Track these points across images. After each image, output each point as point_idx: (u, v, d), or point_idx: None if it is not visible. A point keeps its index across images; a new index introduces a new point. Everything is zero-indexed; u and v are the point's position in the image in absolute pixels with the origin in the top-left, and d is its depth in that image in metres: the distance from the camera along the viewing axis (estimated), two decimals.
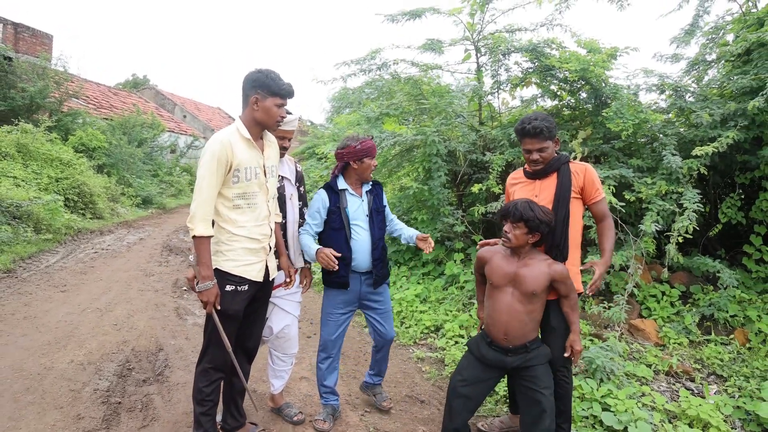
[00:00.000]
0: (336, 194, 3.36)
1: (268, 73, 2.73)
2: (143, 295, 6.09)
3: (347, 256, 3.31)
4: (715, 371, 4.54)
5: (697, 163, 5.05)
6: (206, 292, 2.62)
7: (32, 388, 3.61)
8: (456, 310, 5.52)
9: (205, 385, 2.80)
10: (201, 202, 2.61)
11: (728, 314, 5.10)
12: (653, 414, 3.70)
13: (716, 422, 3.60)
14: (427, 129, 6.02)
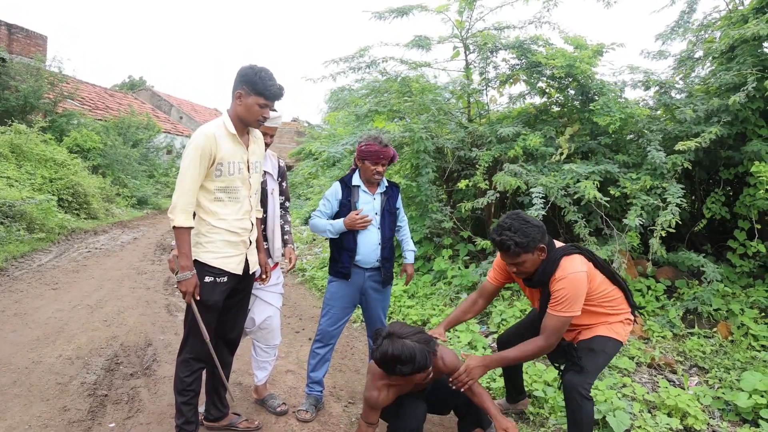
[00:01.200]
0: (348, 189, 3.47)
1: (259, 71, 2.72)
2: (134, 293, 6.14)
3: (352, 249, 3.42)
4: (697, 363, 4.59)
5: (682, 158, 5.12)
6: (185, 282, 2.64)
7: (19, 381, 3.66)
8: (443, 304, 5.58)
9: (186, 375, 2.84)
10: (182, 192, 2.62)
11: (712, 308, 5.16)
12: (633, 404, 3.75)
13: (694, 411, 3.66)
14: (414, 126, 6.08)
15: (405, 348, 2.45)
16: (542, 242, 2.76)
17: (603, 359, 2.86)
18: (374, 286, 3.55)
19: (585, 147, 5.88)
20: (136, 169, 16.31)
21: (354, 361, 4.57)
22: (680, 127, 5.51)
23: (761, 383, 3.87)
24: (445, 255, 6.35)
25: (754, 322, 4.99)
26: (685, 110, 5.47)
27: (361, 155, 3.42)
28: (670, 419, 3.62)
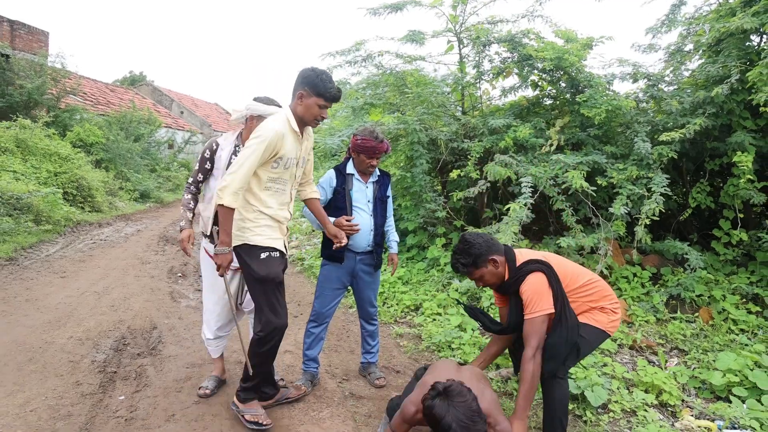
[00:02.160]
0: (343, 176, 3.64)
1: (320, 74, 2.93)
2: (139, 281, 6.37)
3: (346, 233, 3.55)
4: (677, 346, 4.79)
5: (668, 149, 5.29)
6: (222, 256, 2.83)
7: (34, 359, 3.90)
8: (435, 290, 5.80)
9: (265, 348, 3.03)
10: (239, 176, 2.78)
11: (694, 294, 5.35)
12: (612, 381, 3.96)
13: (669, 388, 3.87)
14: (409, 119, 6.28)
15: (447, 417, 2.38)
16: (490, 255, 2.96)
17: (584, 345, 2.98)
18: (365, 270, 3.75)
19: (575, 138, 6.06)
20: (138, 164, 16.51)
21: (349, 342, 4.80)
22: (667, 119, 5.68)
23: (735, 363, 4.08)
24: (438, 243, 6.56)
25: (735, 307, 5.18)
26: (671, 102, 5.66)
27: (356, 149, 3.56)
28: (647, 395, 3.83)
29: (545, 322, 2.86)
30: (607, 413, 3.65)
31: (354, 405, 3.59)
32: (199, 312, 5.35)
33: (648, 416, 3.57)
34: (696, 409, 3.79)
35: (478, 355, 3.46)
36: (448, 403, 2.41)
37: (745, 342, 4.65)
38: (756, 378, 3.92)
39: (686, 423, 3.62)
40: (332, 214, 3.62)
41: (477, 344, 4.58)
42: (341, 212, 3.61)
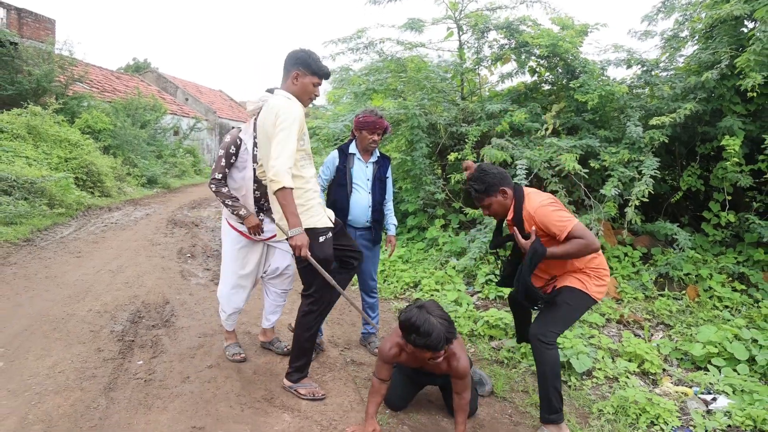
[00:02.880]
0: (345, 156, 3.92)
1: (311, 54, 3.08)
2: (150, 261, 6.65)
3: (345, 209, 3.87)
4: (663, 321, 5.04)
5: (659, 133, 5.48)
6: (298, 237, 2.87)
7: (58, 328, 4.19)
8: (434, 268, 6.08)
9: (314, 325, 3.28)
10: (287, 157, 2.83)
11: (682, 273, 5.57)
12: (597, 351, 4.22)
13: (651, 358, 4.13)
14: (409, 104, 6.50)
15: (427, 322, 2.67)
16: (502, 186, 3.13)
17: (566, 310, 3.15)
18: (365, 244, 3.99)
19: (570, 123, 6.25)
20: (145, 150, 16.75)
21: (351, 316, 5.07)
22: (659, 104, 5.87)
23: (716, 335, 4.32)
24: (437, 224, 6.82)
25: (721, 285, 5.40)
26: (663, 87, 5.84)
27: (358, 125, 3.84)
28: (629, 364, 4.09)
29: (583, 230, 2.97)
30: (590, 379, 3.92)
31: (354, 370, 3.87)
32: (208, 289, 5.64)
33: (629, 382, 3.82)
34: (675, 377, 4.05)
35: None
36: (426, 312, 2.73)
37: (728, 317, 4.88)
38: (734, 349, 4.17)
39: (665, 389, 3.87)
40: (334, 190, 3.93)
41: (471, 317, 4.84)
42: (342, 189, 3.89)
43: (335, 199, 3.92)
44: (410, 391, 3.37)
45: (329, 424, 3.07)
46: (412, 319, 2.74)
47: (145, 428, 2.87)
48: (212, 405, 3.16)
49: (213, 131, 28.61)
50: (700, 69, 5.73)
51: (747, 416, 3.36)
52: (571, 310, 3.20)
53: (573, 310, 3.20)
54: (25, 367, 3.48)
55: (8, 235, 6.96)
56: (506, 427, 3.26)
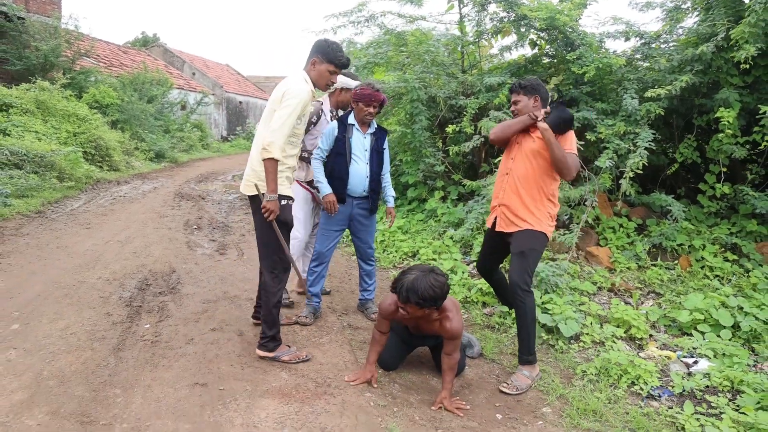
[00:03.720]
0: (344, 126, 4.03)
1: (331, 44, 3.38)
2: (158, 232, 6.85)
3: (344, 178, 4.00)
4: (654, 290, 5.18)
5: (655, 105, 5.54)
6: (272, 202, 3.22)
7: (70, 295, 4.40)
8: (432, 238, 6.24)
9: (278, 287, 3.47)
10: (283, 134, 3.18)
11: (675, 243, 5.68)
12: (586, 317, 4.38)
13: (637, 323, 4.28)
14: (409, 77, 6.59)
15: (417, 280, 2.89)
16: (538, 94, 3.58)
17: (533, 256, 3.53)
18: (362, 213, 4.16)
19: (568, 95, 6.31)
20: (152, 124, 16.86)
21: (350, 284, 5.26)
22: (656, 76, 5.91)
23: (702, 303, 4.46)
24: (436, 196, 6.96)
25: (713, 256, 5.51)
26: (660, 60, 5.88)
27: (355, 98, 3.95)
28: (617, 329, 4.24)
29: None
30: (577, 343, 4.09)
31: (351, 334, 4.06)
32: (213, 259, 5.84)
33: (615, 346, 3.99)
34: (660, 341, 4.21)
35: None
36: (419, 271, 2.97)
37: (717, 286, 5.00)
38: (719, 316, 4.31)
39: (650, 353, 4.04)
40: (333, 159, 4.04)
41: (466, 285, 5.01)
42: (341, 158, 4.00)
43: (334, 167, 4.03)
44: (402, 352, 3.57)
45: (324, 381, 3.26)
46: (404, 277, 2.97)
47: (152, 384, 3.07)
48: (214, 364, 3.36)
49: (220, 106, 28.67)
50: (699, 41, 5.75)
51: (725, 377, 3.52)
52: (537, 253, 3.57)
53: (538, 252, 3.58)
54: (39, 329, 3.70)
55: (20, 208, 7.17)
56: (492, 386, 3.45)
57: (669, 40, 6.60)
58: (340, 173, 4.02)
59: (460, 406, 3.09)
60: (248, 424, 2.71)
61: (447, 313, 3.08)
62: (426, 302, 2.89)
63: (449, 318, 3.07)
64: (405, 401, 3.13)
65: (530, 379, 3.43)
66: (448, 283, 3.05)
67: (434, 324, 3.13)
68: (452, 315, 3.08)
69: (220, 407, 2.86)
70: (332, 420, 2.81)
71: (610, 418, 3.06)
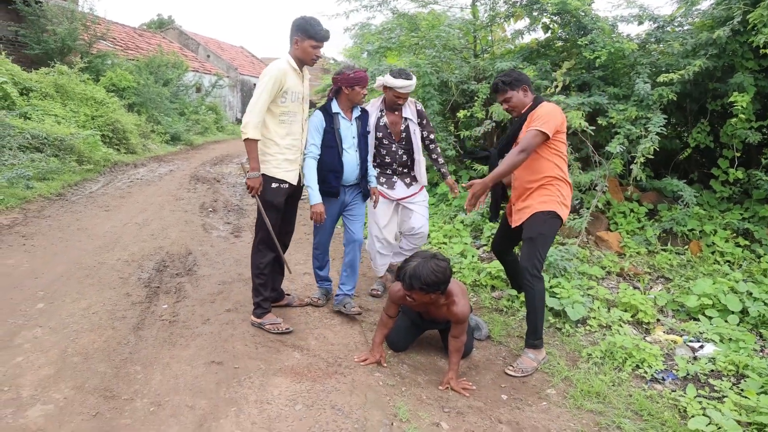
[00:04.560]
0: (330, 116, 3.83)
1: (309, 20, 3.46)
2: (174, 214, 7.00)
3: (338, 170, 3.86)
4: (663, 275, 5.20)
5: (668, 90, 5.51)
6: (253, 179, 3.44)
7: (91, 275, 4.56)
8: (442, 222, 6.31)
9: (260, 261, 3.72)
10: (255, 112, 3.37)
11: (686, 228, 5.68)
12: (594, 302, 4.44)
13: (645, 308, 4.32)
14: (421, 62, 6.61)
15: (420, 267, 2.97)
16: (524, 84, 3.56)
17: (543, 240, 3.54)
18: (355, 201, 4.09)
19: (580, 80, 6.30)
20: (168, 107, 16.99)
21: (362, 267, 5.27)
22: (669, 61, 5.87)
23: (711, 288, 4.49)
24: None
25: (725, 241, 5.51)
26: (673, 44, 5.84)
27: (351, 82, 3.74)
28: (624, 313, 4.30)
29: (538, 138, 3.35)
30: (584, 327, 4.16)
31: (362, 315, 4.17)
32: (228, 241, 5.98)
33: (622, 330, 4.05)
34: (667, 326, 4.26)
35: None
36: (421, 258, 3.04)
37: (726, 271, 5.03)
38: (727, 301, 4.34)
39: (656, 337, 4.10)
40: (324, 152, 3.84)
41: (476, 269, 5.09)
42: (332, 150, 3.83)
43: (325, 160, 3.84)
44: (412, 334, 3.67)
45: (335, 360, 3.38)
46: (407, 264, 3.05)
47: (170, 362, 3.21)
48: (229, 343, 3.49)
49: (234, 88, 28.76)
50: (714, 25, 5.70)
51: (730, 362, 3.58)
52: (546, 238, 3.59)
53: (547, 237, 3.57)
54: (63, 309, 3.86)
55: (42, 190, 7.36)
56: (499, 367, 3.54)
57: (683, 23, 6.54)
58: (333, 165, 3.86)
59: (466, 387, 3.19)
60: (262, 400, 2.84)
61: (453, 298, 3.16)
62: (430, 287, 2.97)
63: (455, 302, 3.16)
64: (413, 381, 3.24)
65: (536, 362, 3.51)
66: (451, 267, 3.13)
67: (442, 309, 3.22)
68: (458, 299, 3.17)
69: (235, 384, 2.99)
70: (342, 398, 2.92)
71: (614, 400, 3.14)
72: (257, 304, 3.76)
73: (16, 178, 7.16)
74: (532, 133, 3.34)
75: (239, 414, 2.72)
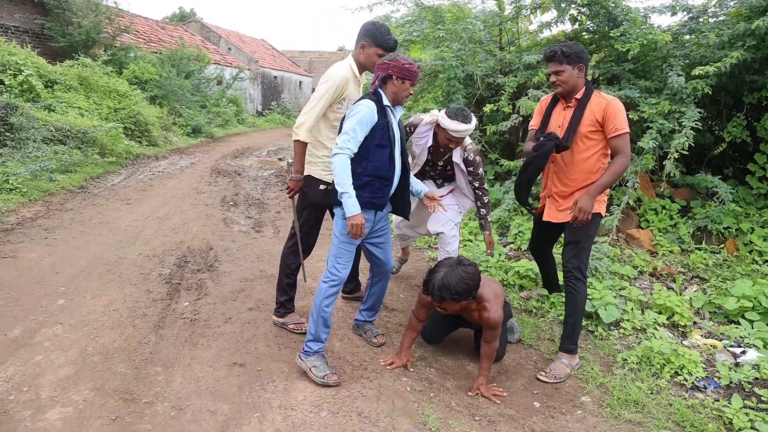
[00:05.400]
0: (383, 109, 3.03)
1: (380, 27, 3.37)
2: (195, 208, 6.95)
3: (389, 177, 3.08)
4: (698, 274, 5.02)
5: (702, 83, 5.31)
6: (294, 182, 3.43)
7: (112, 270, 4.51)
8: (467, 219, 6.15)
9: (292, 262, 3.64)
10: (312, 116, 3.28)
11: (722, 226, 5.48)
12: (627, 303, 4.28)
13: (681, 310, 4.15)
14: (446, 55, 6.46)
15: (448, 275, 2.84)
16: (582, 63, 3.25)
17: (589, 243, 3.42)
18: (385, 221, 3.39)
19: (610, 73, 6.11)
20: (190, 100, 17.00)
21: None
22: (704, 52, 5.66)
23: (751, 289, 4.28)
24: None
25: (762, 239, 5.31)
26: (708, 35, 5.61)
27: (405, 73, 2.99)
28: (659, 316, 4.13)
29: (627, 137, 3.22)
30: (617, 330, 3.99)
31: (386, 316, 4.06)
32: (249, 236, 5.91)
33: (657, 334, 3.88)
34: (705, 329, 4.07)
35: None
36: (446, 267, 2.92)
37: (766, 272, 4.83)
38: None
39: (693, 341, 3.92)
40: (372, 150, 3.02)
41: (503, 267, 4.95)
42: (384, 151, 3.03)
43: (371, 164, 3.02)
44: (447, 328, 3.57)
45: (360, 364, 3.27)
46: (433, 276, 2.93)
47: (191, 363, 3.12)
48: (252, 344, 3.40)
49: (255, 81, 28.76)
50: (751, 14, 5.47)
51: None
52: (591, 239, 3.45)
53: (592, 238, 3.46)
54: (83, 305, 3.80)
55: (65, 183, 7.36)
56: (530, 372, 3.40)
57: (718, 13, 6.29)
58: (383, 171, 3.04)
59: (497, 393, 3.06)
60: (286, 406, 2.74)
61: (484, 303, 3.03)
62: (461, 296, 2.85)
63: (487, 308, 3.03)
64: (441, 386, 3.12)
65: (569, 368, 3.37)
66: (479, 270, 3.00)
67: (474, 314, 3.10)
68: (490, 305, 3.03)
69: (257, 388, 2.90)
70: (369, 404, 2.82)
71: (653, 409, 2.98)
72: (281, 304, 3.68)
73: (39, 170, 7.17)
74: (624, 138, 3.20)
75: (262, 420, 2.63)
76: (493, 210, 6.02)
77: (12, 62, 9.71)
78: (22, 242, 5.05)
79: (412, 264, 5.26)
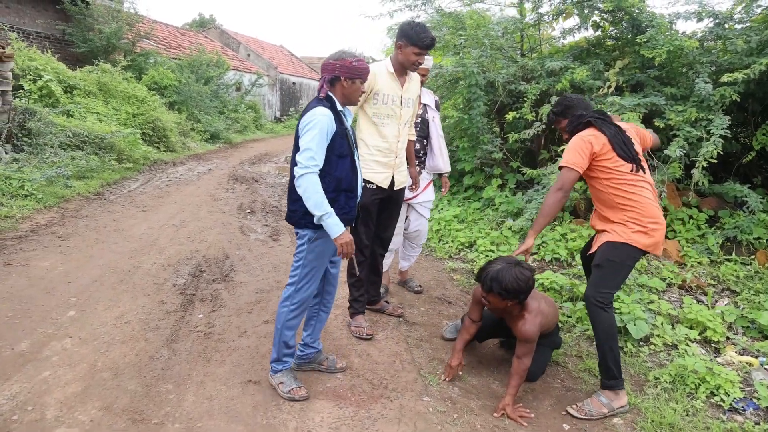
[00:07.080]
0: (338, 115, 2.81)
1: (415, 26, 3.43)
2: (212, 216, 6.88)
3: (354, 188, 2.88)
4: (729, 287, 4.82)
5: (731, 90, 5.14)
6: None
7: (125, 280, 4.43)
8: (489, 228, 6.03)
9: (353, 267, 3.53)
10: None
11: (752, 237, 5.29)
12: (656, 317, 4.10)
13: (713, 325, 3.97)
14: (467, 61, 6.34)
15: (503, 270, 2.85)
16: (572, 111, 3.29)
17: (611, 268, 3.08)
18: None
19: (634, 80, 5.96)
20: (208, 106, 17.06)
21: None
22: (732, 59, 5.49)
23: None
24: (494, 184, 6.73)
25: None
26: (736, 41, 5.43)
27: (353, 72, 2.78)
28: (690, 331, 3.96)
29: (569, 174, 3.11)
30: (648, 346, 3.83)
31: (407, 330, 3.93)
32: (266, 245, 5.82)
33: (689, 350, 3.71)
34: (740, 346, 3.89)
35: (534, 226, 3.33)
36: (506, 262, 2.92)
37: None
38: None
39: (728, 358, 3.74)
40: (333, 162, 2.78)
41: None
42: (344, 161, 2.81)
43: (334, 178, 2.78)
44: (493, 330, 3.48)
45: (380, 382, 3.14)
46: (489, 266, 2.95)
47: (204, 380, 3.02)
48: (267, 360, 3.27)
49: (274, 87, 28.84)
50: None
51: None
52: (617, 266, 3.10)
53: (618, 265, 3.10)
54: (94, 317, 3.72)
55: (81, 189, 7.34)
56: (557, 391, 3.25)
57: (744, 19, 6.11)
58: (347, 183, 2.82)
59: (523, 415, 2.92)
60: (302, 428, 2.62)
61: (525, 313, 2.96)
62: (509, 294, 2.83)
63: (525, 319, 2.95)
64: (465, 407, 2.98)
65: (607, 408, 3.03)
66: (534, 279, 2.93)
67: (514, 321, 3.02)
68: (529, 317, 2.94)
69: (273, 408, 2.78)
70: (390, 427, 2.69)
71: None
72: (353, 300, 3.83)
73: (55, 176, 7.15)
74: (561, 173, 3.14)
75: None
76: (515, 219, 5.89)
77: (32, 67, 9.77)
78: (35, 250, 5.00)
79: (432, 275, 5.14)
